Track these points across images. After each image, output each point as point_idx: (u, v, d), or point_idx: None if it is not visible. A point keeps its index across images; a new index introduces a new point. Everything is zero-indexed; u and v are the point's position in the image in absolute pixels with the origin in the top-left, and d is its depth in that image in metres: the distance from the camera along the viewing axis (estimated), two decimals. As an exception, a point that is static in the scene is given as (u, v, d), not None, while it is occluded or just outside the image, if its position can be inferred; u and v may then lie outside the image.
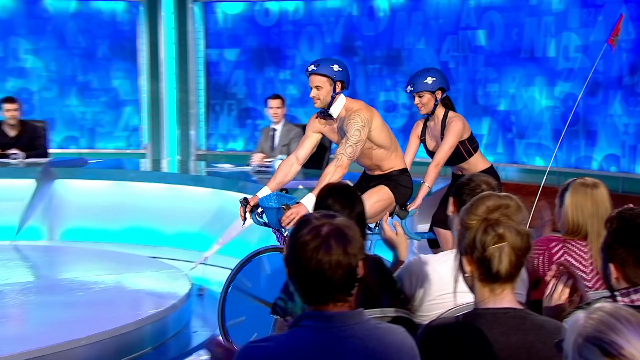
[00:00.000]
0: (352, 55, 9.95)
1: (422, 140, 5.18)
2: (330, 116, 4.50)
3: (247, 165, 7.48)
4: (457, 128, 4.91)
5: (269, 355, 1.86)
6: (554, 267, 2.49)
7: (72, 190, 7.44)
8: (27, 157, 7.65)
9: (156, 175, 7.82)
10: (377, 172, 4.65)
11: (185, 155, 10.61)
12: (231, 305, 4.46)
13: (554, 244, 3.09)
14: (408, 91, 4.97)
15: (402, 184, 4.59)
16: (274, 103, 7.53)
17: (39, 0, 10.22)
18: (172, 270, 6.02)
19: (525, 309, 2.08)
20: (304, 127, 7.56)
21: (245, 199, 4.49)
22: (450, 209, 2.91)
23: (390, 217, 4.55)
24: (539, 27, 8.38)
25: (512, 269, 1.99)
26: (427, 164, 5.06)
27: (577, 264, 3.00)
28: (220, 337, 4.57)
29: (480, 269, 2.01)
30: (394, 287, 2.82)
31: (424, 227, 5.45)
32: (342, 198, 2.91)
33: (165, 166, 9.36)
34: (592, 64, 6.55)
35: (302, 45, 10.24)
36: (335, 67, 4.43)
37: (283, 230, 4.29)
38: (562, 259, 3.01)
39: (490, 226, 1.99)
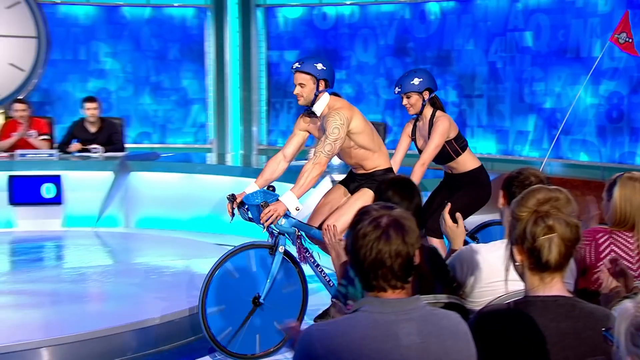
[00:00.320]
0: (404, 56, 9.89)
1: (413, 140, 4.97)
2: (314, 114, 4.33)
3: (305, 160, 7.49)
4: (442, 127, 4.68)
5: (329, 336, 1.87)
6: (606, 261, 2.45)
7: (145, 182, 7.55)
8: (106, 152, 7.79)
9: (221, 168, 7.89)
10: (361, 171, 4.45)
11: (248, 149, 10.68)
12: (213, 293, 4.19)
13: (600, 234, 3.04)
14: (396, 92, 4.78)
15: None
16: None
17: (118, 8, 10.39)
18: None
19: (574, 297, 2.04)
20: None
21: (232, 195, 4.29)
22: (501, 201, 2.87)
23: None
24: (584, 28, 8.21)
25: (562, 259, 1.96)
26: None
27: (623, 255, 2.95)
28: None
29: (530, 258, 1.98)
30: (446, 275, 2.81)
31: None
32: (402, 190, 2.91)
33: (229, 160, 9.43)
34: (637, 63, 6.40)
35: (357, 47, 10.21)
36: (319, 66, 4.26)
37: (264, 226, 4.14)
38: (608, 249, 2.97)
39: (540, 218, 1.95)
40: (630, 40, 5.39)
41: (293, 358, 1.91)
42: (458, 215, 3.14)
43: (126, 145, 8.48)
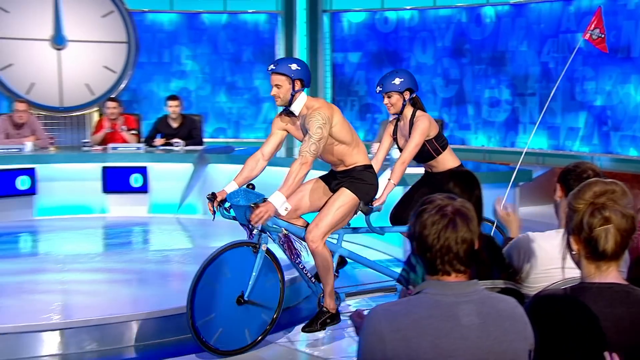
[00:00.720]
0: (460, 57, 9.78)
1: (395, 139, 4.69)
2: (293, 114, 4.08)
3: (368, 153, 7.47)
4: (422, 127, 4.40)
5: (394, 315, 1.87)
6: None
7: (221, 172, 7.61)
8: (186, 145, 7.89)
9: (289, 160, 7.87)
10: (341, 168, 4.19)
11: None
12: (200, 301, 3.93)
13: None
14: (377, 91, 4.50)
15: (365, 182, 4.14)
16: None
17: (198, 15, 10.54)
18: (304, 242, 6.07)
19: (629, 285, 1.99)
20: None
21: (213, 193, 4.02)
22: (558, 193, 2.80)
23: (355, 214, 4.17)
24: (636, 29, 7.98)
25: (618, 248, 1.91)
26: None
27: None
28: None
29: (587, 248, 1.94)
30: (503, 261, 2.77)
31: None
32: (463, 182, 2.87)
33: (295, 153, 9.45)
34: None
35: (416, 49, 10.14)
36: (293, 66, 4.00)
37: (251, 226, 3.96)
38: None
39: (597, 209, 1.91)
40: (603, 36, 5.12)
41: (359, 337, 1.92)
42: (510, 204, 3.07)
43: (204, 140, 8.60)
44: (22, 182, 7.16)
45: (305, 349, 4.25)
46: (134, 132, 8.09)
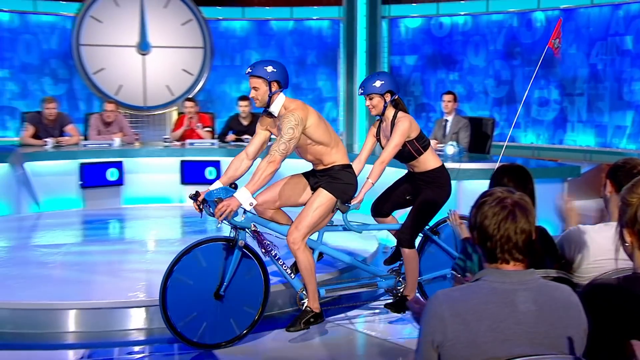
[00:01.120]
0: (511, 59, 9.60)
1: (378, 140, 4.43)
2: (272, 114, 3.91)
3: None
4: (402, 128, 4.11)
5: (455, 300, 1.86)
6: None
7: (289, 166, 7.66)
8: (255, 141, 7.98)
9: (351, 156, 7.87)
10: (320, 167, 4.01)
11: (373, 140, 10.68)
12: (174, 287, 3.75)
13: None
14: (359, 93, 4.28)
15: (342, 181, 3.96)
16: (447, 98, 7.41)
17: (267, 22, 10.62)
18: (364, 232, 6.05)
19: None
20: (471, 119, 7.46)
21: (196, 193, 3.85)
22: (608, 189, 2.73)
23: (333, 213, 3.99)
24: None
25: None
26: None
27: None
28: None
29: None
30: (555, 252, 2.72)
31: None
32: (516, 177, 2.83)
33: (356, 149, 9.46)
34: None
35: (469, 52, 10.00)
36: (269, 69, 3.84)
37: (229, 221, 3.76)
38: None
39: None
40: (559, 46, 5.01)
41: (421, 320, 1.91)
42: (569, 199, 3.00)
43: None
44: (111, 174, 7.37)
45: (363, 329, 4.25)
46: (208, 129, 8.22)
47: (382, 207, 4.48)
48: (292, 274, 4.05)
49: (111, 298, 4.21)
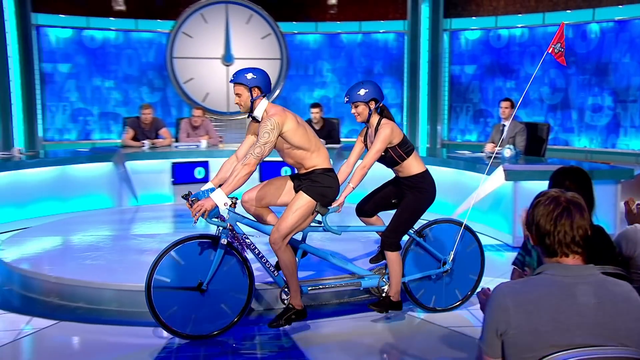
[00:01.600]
0: (566, 69, 9.34)
1: (366, 145, 4.17)
2: (256, 119, 3.76)
3: (481, 152, 7.31)
4: (383, 135, 3.89)
5: (518, 292, 1.84)
6: None
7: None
8: (326, 144, 7.99)
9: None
10: (302, 170, 3.83)
11: (433, 143, 10.60)
12: (159, 280, 3.65)
13: None
14: (345, 102, 4.04)
15: (322, 184, 3.75)
16: (504, 104, 7.27)
17: (337, 35, 10.67)
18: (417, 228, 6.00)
19: None
20: (527, 124, 7.30)
21: (188, 192, 3.68)
22: None
23: (313, 215, 3.77)
24: None
25: None
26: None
27: None
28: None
29: None
30: (612, 249, 2.65)
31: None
32: (577, 179, 2.76)
33: (419, 152, 9.40)
34: None
35: (525, 62, 9.78)
36: (249, 76, 3.68)
37: (207, 220, 3.61)
38: None
39: None
40: (562, 50, 4.61)
41: (485, 310, 1.91)
42: (632, 199, 2.86)
43: (341, 139, 8.71)
44: (198, 172, 7.50)
45: (424, 316, 4.22)
46: (285, 132, 8.31)
47: (365, 207, 4.21)
48: (275, 272, 3.90)
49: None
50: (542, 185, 5.83)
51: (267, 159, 7.61)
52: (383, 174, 4.34)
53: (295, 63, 10.56)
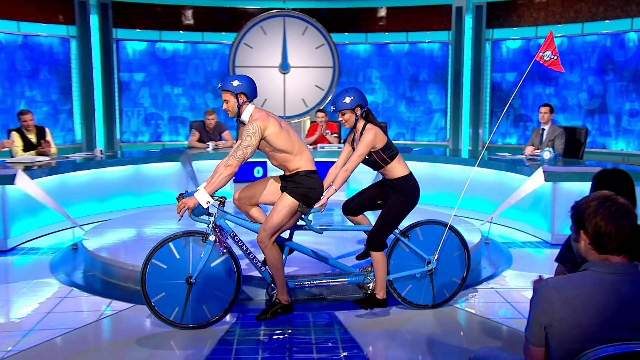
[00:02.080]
0: (604, 75, 9.03)
1: (353, 148, 4.02)
2: (243, 123, 3.68)
3: (521, 155, 7.17)
4: (366, 139, 3.77)
5: (564, 287, 1.81)
6: None
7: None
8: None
9: (456, 159, 7.76)
10: (287, 172, 3.77)
11: (475, 146, 10.42)
12: (150, 281, 3.65)
13: None
14: (332, 110, 3.91)
15: (304, 186, 3.68)
16: (544, 109, 7.10)
17: (386, 45, 10.62)
18: (468, 225, 5.93)
19: None
20: (566, 129, 7.10)
21: (180, 194, 3.64)
22: None
23: (297, 215, 3.70)
24: None
25: None
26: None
27: None
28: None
29: None
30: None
31: None
32: (620, 181, 2.67)
33: (461, 154, 9.27)
34: None
35: (565, 69, 9.50)
36: (235, 83, 3.63)
37: (191, 218, 3.60)
38: None
39: None
40: (556, 58, 4.32)
41: (531, 303, 1.87)
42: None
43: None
44: (257, 171, 7.58)
45: (464, 306, 4.18)
46: (335, 135, 8.32)
47: (350, 205, 4.08)
48: (263, 267, 3.85)
49: (250, 272, 4.25)
50: (580, 186, 5.71)
51: (318, 159, 7.65)
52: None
53: (346, 71, 10.56)
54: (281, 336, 3.62)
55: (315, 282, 4.03)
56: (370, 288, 4.01)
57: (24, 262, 5.27)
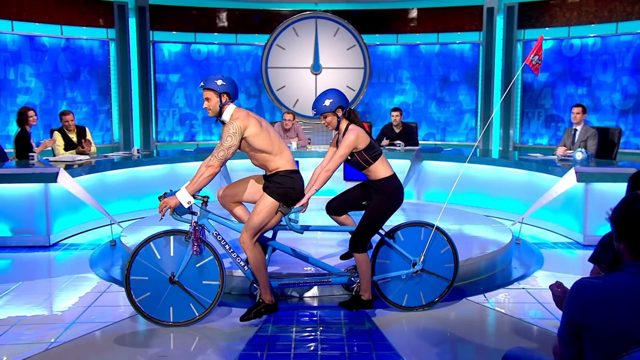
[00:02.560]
0: (637, 75, 8.80)
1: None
2: (224, 123, 3.60)
3: (553, 155, 7.04)
4: (348, 140, 3.67)
5: (598, 287, 1.77)
6: None
7: (432, 167, 7.61)
8: (405, 146, 7.97)
9: (486, 159, 7.66)
10: (268, 172, 3.71)
11: (505, 146, 10.28)
12: (136, 269, 3.65)
13: None
14: (313, 114, 3.82)
15: (283, 186, 3.62)
16: (576, 110, 6.96)
17: (416, 46, 10.55)
18: (499, 225, 5.87)
19: None
20: (599, 129, 6.94)
21: (165, 193, 3.61)
22: None
23: (278, 214, 3.63)
24: None
25: None
26: None
27: None
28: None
29: None
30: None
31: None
32: None
33: (491, 154, 9.14)
34: None
35: (597, 69, 9.29)
36: (219, 82, 3.55)
37: (175, 216, 3.57)
38: None
39: None
40: (540, 62, 4.20)
41: (565, 302, 1.83)
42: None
43: (419, 142, 8.61)
44: None
45: (493, 306, 4.12)
46: (367, 135, 8.30)
47: (333, 204, 3.99)
48: (245, 266, 3.79)
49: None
50: (614, 187, 5.59)
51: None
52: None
53: (377, 72, 10.52)
54: (313, 334, 3.63)
55: (298, 282, 3.96)
56: (355, 289, 3.92)
57: (65, 258, 5.41)
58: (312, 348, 3.41)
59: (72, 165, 6.17)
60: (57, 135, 7.00)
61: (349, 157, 3.78)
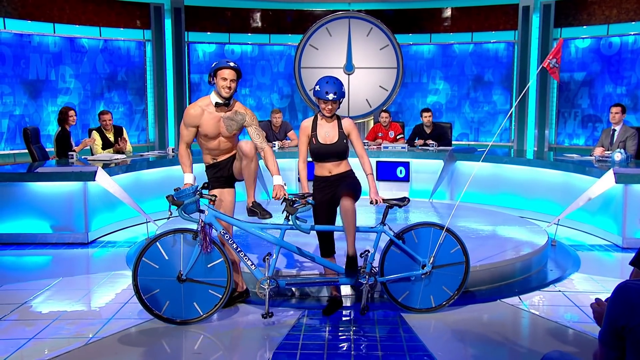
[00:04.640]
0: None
1: (314, 136, 3.88)
2: (221, 104, 3.83)
3: (590, 156, 6.89)
4: (357, 129, 3.95)
5: None
6: None
7: (465, 168, 7.52)
8: (438, 146, 7.90)
9: (521, 160, 7.54)
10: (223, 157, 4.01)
11: (540, 147, 10.10)
12: (144, 268, 3.63)
13: None
14: (331, 98, 3.76)
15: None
16: (615, 109, 6.81)
17: (450, 46, 10.45)
18: (534, 226, 5.78)
19: None
20: (638, 130, 6.76)
21: (174, 192, 3.65)
22: None
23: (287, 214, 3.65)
24: None
25: None
26: None
27: None
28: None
29: None
30: None
31: None
32: None
33: (525, 154, 8.99)
34: None
35: (637, 68, 9.06)
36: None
37: (182, 214, 3.61)
38: None
39: None
40: (557, 66, 3.98)
41: (607, 307, 1.79)
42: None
43: (452, 142, 8.53)
44: (399, 171, 7.60)
45: (528, 308, 4.06)
46: (399, 136, 8.27)
47: (330, 248, 3.98)
48: (253, 266, 3.76)
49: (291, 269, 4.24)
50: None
51: (383, 159, 7.63)
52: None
53: (410, 71, 10.46)
54: (346, 334, 3.63)
55: (307, 281, 3.93)
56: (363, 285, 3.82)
57: (103, 255, 5.52)
58: (344, 348, 3.41)
59: (109, 164, 6.30)
60: (95, 135, 7.15)
61: (344, 141, 3.85)
